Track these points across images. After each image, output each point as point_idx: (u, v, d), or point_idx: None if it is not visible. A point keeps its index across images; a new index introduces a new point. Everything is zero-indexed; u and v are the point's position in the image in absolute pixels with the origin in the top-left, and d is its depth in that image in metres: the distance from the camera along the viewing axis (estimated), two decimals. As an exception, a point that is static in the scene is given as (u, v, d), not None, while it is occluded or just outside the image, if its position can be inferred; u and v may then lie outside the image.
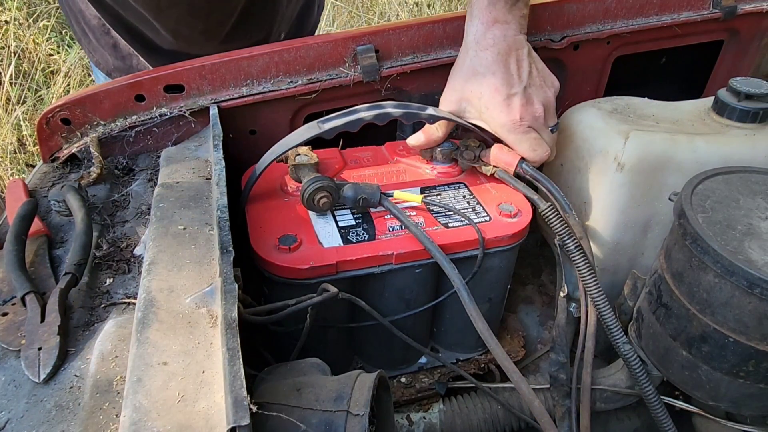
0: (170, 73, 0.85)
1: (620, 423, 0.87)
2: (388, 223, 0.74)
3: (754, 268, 0.57)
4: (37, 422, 0.53)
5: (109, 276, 0.68)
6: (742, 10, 1.04)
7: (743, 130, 0.80)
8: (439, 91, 0.97)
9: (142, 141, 0.87)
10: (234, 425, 0.40)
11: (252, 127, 0.91)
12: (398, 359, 0.84)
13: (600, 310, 0.72)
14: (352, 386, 0.52)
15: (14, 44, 2.77)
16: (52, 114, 0.83)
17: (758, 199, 0.67)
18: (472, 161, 0.83)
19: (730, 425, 0.75)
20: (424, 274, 0.74)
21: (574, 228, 0.74)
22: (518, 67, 0.78)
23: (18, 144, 2.57)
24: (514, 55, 0.78)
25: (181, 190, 0.72)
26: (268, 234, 0.70)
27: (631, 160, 0.77)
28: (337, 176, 0.82)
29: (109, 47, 1.15)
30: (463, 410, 0.82)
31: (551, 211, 0.74)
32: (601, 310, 0.72)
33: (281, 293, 0.67)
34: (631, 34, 1.00)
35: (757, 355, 0.61)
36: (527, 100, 0.77)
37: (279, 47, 0.87)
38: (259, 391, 0.53)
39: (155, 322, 0.53)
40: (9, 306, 0.64)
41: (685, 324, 0.66)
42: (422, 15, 3.52)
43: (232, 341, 0.46)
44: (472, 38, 0.79)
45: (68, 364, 0.58)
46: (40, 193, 0.81)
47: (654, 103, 0.89)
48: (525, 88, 0.77)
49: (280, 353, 0.68)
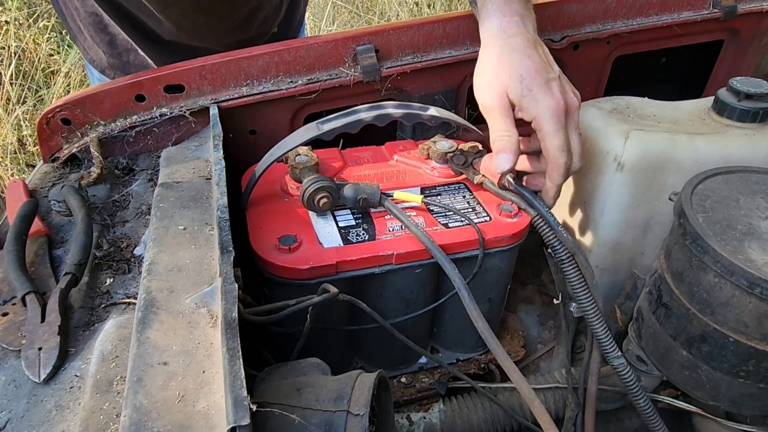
0: (170, 73, 0.85)
1: (620, 423, 0.87)
2: (388, 223, 0.74)
3: (754, 267, 0.57)
4: (38, 422, 0.53)
5: (109, 276, 0.68)
6: (742, 10, 1.04)
7: (743, 129, 0.80)
8: (439, 91, 0.97)
9: (142, 141, 0.87)
10: (234, 425, 0.40)
11: (252, 127, 0.91)
12: (398, 359, 0.84)
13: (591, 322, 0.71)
14: (352, 386, 0.52)
15: (14, 44, 2.77)
16: (52, 114, 0.83)
17: (758, 199, 0.67)
18: (461, 166, 0.82)
19: (730, 425, 0.75)
20: (425, 275, 0.74)
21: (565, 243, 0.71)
22: (546, 55, 0.76)
23: (18, 144, 2.57)
24: (540, 45, 0.76)
25: (181, 190, 0.72)
26: (268, 234, 0.70)
27: (631, 159, 0.77)
28: (337, 176, 0.82)
29: (104, 44, 1.15)
30: (464, 410, 0.82)
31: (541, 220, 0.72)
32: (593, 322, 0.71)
33: (281, 293, 0.67)
34: (631, 34, 1.00)
35: (757, 355, 0.61)
36: (563, 88, 0.73)
37: (279, 47, 0.87)
38: (260, 391, 0.53)
39: (155, 322, 0.53)
40: (9, 306, 0.64)
41: (685, 324, 0.66)
42: (422, 15, 3.52)
43: (232, 341, 0.46)
44: (498, 29, 0.76)
45: (68, 364, 0.58)
46: (40, 193, 0.81)
47: (654, 103, 0.89)
48: (559, 75, 0.74)
49: (280, 353, 0.68)
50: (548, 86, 0.72)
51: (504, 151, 0.73)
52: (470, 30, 0.91)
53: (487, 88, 0.74)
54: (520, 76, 0.72)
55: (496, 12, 0.77)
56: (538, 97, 0.71)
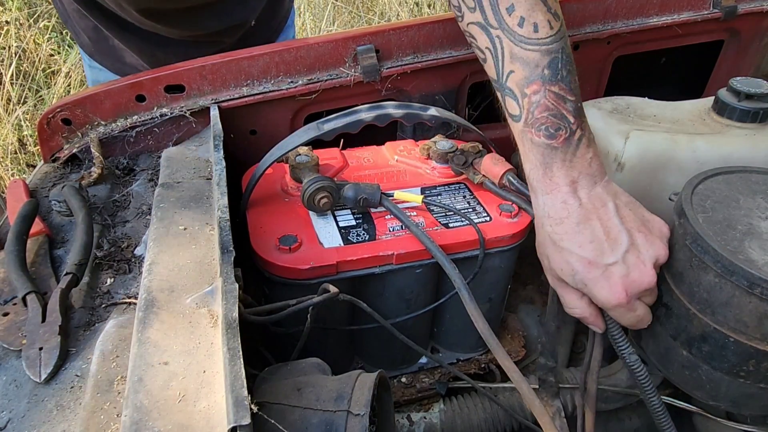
0: (171, 73, 0.85)
1: (620, 423, 0.87)
2: (388, 223, 0.74)
3: (754, 267, 0.57)
4: (38, 422, 0.53)
5: (109, 276, 0.69)
6: (742, 10, 1.04)
7: (743, 129, 0.80)
8: (439, 91, 0.97)
9: (142, 141, 0.87)
10: (235, 425, 0.40)
11: (252, 127, 0.91)
12: (399, 359, 0.84)
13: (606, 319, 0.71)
14: (352, 386, 0.52)
15: (15, 44, 2.77)
16: (52, 114, 0.83)
17: (758, 199, 0.67)
18: (462, 166, 0.82)
19: (731, 425, 0.75)
20: (425, 274, 0.74)
21: None
22: (606, 231, 0.63)
23: (19, 144, 2.57)
24: (596, 218, 0.64)
25: (181, 191, 0.72)
26: (269, 234, 0.71)
27: (632, 160, 0.77)
28: (337, 176, 0.82)
29: (89, 30, 1.15)
30: (464, 410, 0.82)
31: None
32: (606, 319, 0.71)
33: (282, 293, 0.67)
34: (631, 34, 1.00)
35: (757, 355, 0.61)
36: (628, 269, 0.63)
37: (279, 47, 0.87)
38: (260, 391, 0.53)
39: (156, 322, 0.53)
40: (10, 306, 0.64)
41: (685, 324, 0.66)
42: (422, 15, 3.52)
43: (232, 341, 0.46)
44: (542, 212, 0.67)
45: (69, 364, 0.58)
46: (41, 193, 0.81)
47: (654, 103, 0.89)
48: (624, 253, 0.63)
49: (280, 353, 0.68)
50: (606, 277, 0.63)
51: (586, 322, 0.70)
52: (470, 30, 0.91)
53: (546, 269, 0.69)
54: (572, 270, 0.64)
55: (538, 189, 0.67)
56: (595, 293, 0.64)
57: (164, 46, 1.12)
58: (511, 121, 0.69)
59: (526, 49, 0.66)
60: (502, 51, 0.67)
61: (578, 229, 0.64)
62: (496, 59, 0.68)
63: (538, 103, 0.65)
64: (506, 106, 0.69)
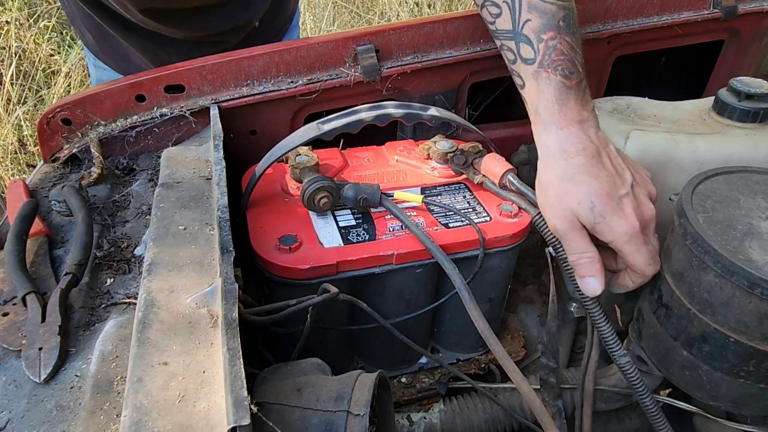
0: (171, 73, 0.85)
1: (620, 423, 0.87)
2: (388, 223, 0.74)
3: (754, 268, 0.57)
4: (38, 422, 0.53)
5: (109, 276, 0.69)
6: (742, 10, 1.04)
7: (743, 130, 0.80)
8: (439, 91, 0.97)
9: (142, 141, 0.87)
10: (234, 425, 0.40)
11: (252, 127, 0.91)
12: (399, 359, 0.84)
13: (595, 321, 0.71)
14: (352, 386, 0.52)
15: (15, 45, 2.77)
16: (52, 114, 0.83)
17: (759, 199, 0.67)
18: (462, 166, 0.82)
19: (731, 425, 0.75)
20: (425, 274, 0.74)
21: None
22: (614, 165, 0.68)
23: (19, 144, 2.57)
24: (605, 154, 0.69)
25: (181, 191, 0.72)
26: (269, 234, 0.71)
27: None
28: (337, 176, 0.82)
29: (94, 29, 1.16)
30: (464, 410, 0.82)
31: (542, 219, 0.71)
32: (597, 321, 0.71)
33: (282, 293, 0.67)
34: (631, 34, 1.00)
35: (757, 355, 0.61)
36: (637, 201, 0.67)
37: (279, 47, 0.87)
38: (260, 391, 0.53)
39: (156, 322, 0.53)
40: (10, 306, 0.64)
41: (685, 324, 0.66)
42: (422, 15, 3.52)
43: (232, 341, 0.46)
44: (556, 147, 0.69)
45: (69, 364, 0.58)
46: (40, 193, 0.81)
47: (654, 103, 0.89)
48: (632, 186, 0.67)
49: (280, 353, 0.68)
50: (621, 208, 0.66)
51: (589, 275, 0.68)
52: (470, 30, 0.91)
53: (555, 213, 0.68)
54: (590, 203, 0.65)
55: (551, 124, 0.69)
56: (613, 224, 0.65)
57: (168, 46, 1.13)
58: (523, 65, 0.73)
59: (545, 1, 0.72)
60: (519, 2, 0.73)
61: (593, 162, 0.67)
62: (513, 11, 0.74)
63: (554, 47, 0.71)
64: (519, 52, 0.74)
